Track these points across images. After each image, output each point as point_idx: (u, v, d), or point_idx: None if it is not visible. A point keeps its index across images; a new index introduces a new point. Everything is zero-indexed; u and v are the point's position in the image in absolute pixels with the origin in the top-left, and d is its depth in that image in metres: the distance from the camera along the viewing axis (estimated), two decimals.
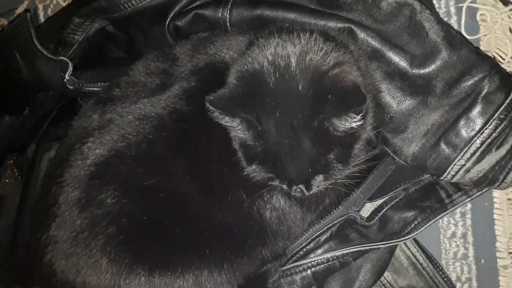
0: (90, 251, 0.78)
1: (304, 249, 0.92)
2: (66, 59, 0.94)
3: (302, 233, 0.91)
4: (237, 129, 0.71)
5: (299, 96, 0.67)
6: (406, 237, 0.87)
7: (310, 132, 0.67)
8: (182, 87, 0.81)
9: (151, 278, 0.78)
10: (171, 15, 0.90)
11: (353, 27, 0.82)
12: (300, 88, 0.67)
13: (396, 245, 0.95)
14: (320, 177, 0.73)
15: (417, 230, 0.87)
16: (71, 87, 0.96)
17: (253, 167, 0.73)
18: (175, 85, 0.82)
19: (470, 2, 0.99)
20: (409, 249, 0.96)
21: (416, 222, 0.89)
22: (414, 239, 0.97)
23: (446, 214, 0.89)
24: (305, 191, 0.74)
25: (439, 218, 0.88)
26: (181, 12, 0.91)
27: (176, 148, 0.78)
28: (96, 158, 0.80)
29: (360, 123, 0.68)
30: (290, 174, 0.71)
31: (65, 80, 0.95)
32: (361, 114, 0.66)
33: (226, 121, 0.70)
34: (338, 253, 0.87)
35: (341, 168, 0.72)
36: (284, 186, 0.75)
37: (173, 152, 0.78)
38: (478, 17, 0.99)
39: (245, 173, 0.77)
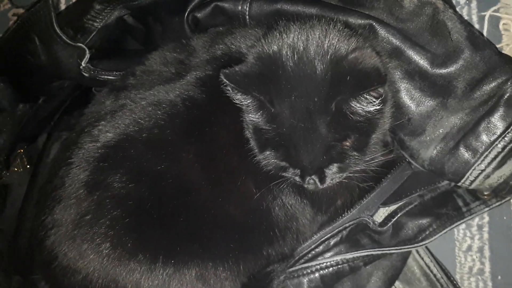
0: (94, 235, 0.76)
1: (313, 252, 0.89)
2: (84, 46, 0.94)
3: (311, 234, 0.88)
4: (249, 109, 0.69)
5: (316, 79, 0.65)
6: (420, 244, 0.84)
7: (327, 116, 0.65)
8: (197, 75, 0.80)
9: (153, 266, 0.76)
10: (191, 6, 0.90)
11: (374, 24, 0.81)
12: (318, 71, 0.65)
13: (409, 253, 0.91)
14: (334, 167, 0.71)
15: (432, 237, 0.84)
16: (86, 75, 0.96)
17: (266, 154, 0.71)
18: (190, 74, 0.81)
19: (493, 11, 0.98)
20: (422, 259, 0.92)
21: (431, 229, 0.85)
22: (428, 250, 0.93)
23: (463, 222, 0.85)
24: (318, 183, 0.71)
25: (456, 226, 0.84)
26: (201, 3, 0.90)
27: (187, 134, 0.77)
28: (107, 141, 0.78)
29: (379, 107, 0.66)
30: (303, 161, 0.68)
31: (81, 67, 0.95)
32: (380, 98, 0.64)
33: (238, 98, 0.68)
34: (348, 256, 0.83)
35: (357, 157, 0.70)
36: (297, 178, 0.73)
37: (184, 138, 0.77)
38: (501, 26, 0.98)
39: (257, 162, 0.75)
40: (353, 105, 0.64)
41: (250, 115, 0.70)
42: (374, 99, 0.64)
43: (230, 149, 0.77)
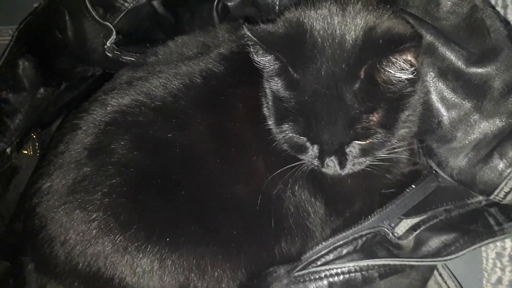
0: (87, 202, 0.71)
1: (323, 259, 0.80)
2: (111, 26, 0.94)
3: (322, 238, 0.80)
4: (270, 73, 0.65)
5: (345, 45, 0.61)
6: (445, 258, 0.75)
7: (354, 83, 0.60)
8: (219, 51, 0.78)
9: (145, 245, 0.69)
10: None
11: (406, 17, 0.77)
12: (348, 37, 0.62)
13: (431, 274, 0.81)
14: (357, 149, 0.65)
15: (458, 253, 0.75)
16: (110, 55, 0.95)
17: (284, 127, 0.66)
18: (212, 52, 0.79)
19: None
20: (445, 282, 0.82)
21: (457, 244, 0.76)
22: (453, 275, 0.83)
23: (495, 240, 0.76)
24: (337, 166, 0.65)
25: (486, 244, 0.75)
26: None
27: (201, 104, 0.73)
28: (117, 106, 0.75)
29: (412, 77, 0.61)
30: (324, 133, 0.63)
31: (105, 46, 0.95)
32: (414, 68, 0.59)
33: (260, 58, 0.64)
34: (362, 263, 0.74)
35: (384, 137, 0.64)
36: (315, 161, 0.67)
37: (197, 108, 0.73)
38: None
39: (271, 141, 0.70)
40: (384, 69, 0.59)
41: (270, 81, 0.66)
42: (407, 66, 0.59)
43: (245, 123, 0.73)
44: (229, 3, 0.91)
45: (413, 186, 0.82)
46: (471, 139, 0.77)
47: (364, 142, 0.65)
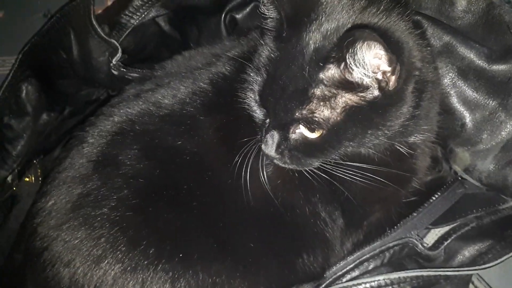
0: (93, 218, 0.66)
1: (348, 275, 0.74)
2: (117, 44, 0.92)
3: (343, 253, 0.75)
4: (267, 24, 0.64)
5: (335, 31, 0.59)
6: (482, 267, 0.69)
7: (322, 62, 0.57)
8: (227, 55, 0.77)
9: (156, 262, 0.64)
10: (229, 5, 0.89)
11: (420, 19, 0.76)
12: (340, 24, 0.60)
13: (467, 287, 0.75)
14: (300, 139, 0.62)
15: (497, 260, 0.69)
16: (115, 72, 0.93)
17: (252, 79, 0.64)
18: (221, 58, 0.77)
19: None
20: None
21: (494, 251, 0.71)
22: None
23: None
24: (274, 146, 0.62)
25: None
26: (241, 3, 0.89)
27: (209, 107, 0.71)
28: (124, 116, 0.72)
29: (379, 77, 0.57)
30: (273, 94, 0.60)
31: (111, 64, 0.92)
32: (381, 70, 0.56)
33: (266, 4, 0.62)
34: (394, 276, 0.68)
35: (327, 138, 0.60)
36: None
37: (205, 112, 0.71)
38: None
39: None
40: (349, 61, 0.55)
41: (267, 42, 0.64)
42: (372, 61, 0.55)
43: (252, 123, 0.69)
44: (237, 16, 0.90)
45: (439, 194, 0.78)
46: (499, 140, 0.73)
47: (307, 135, 0.61)
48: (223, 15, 0.90)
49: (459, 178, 0.80)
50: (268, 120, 0.64)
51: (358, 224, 0.74)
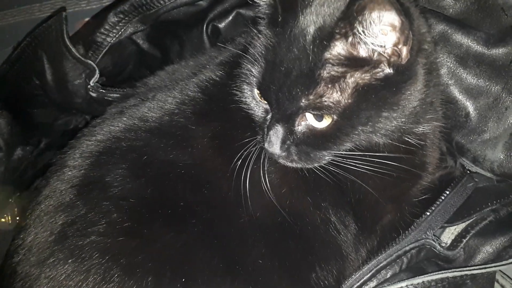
0: (80, 249, 0.59)
1: (367, 285, 0.68)
2: (94, 64, 0.86)
3: (358, 261, 0.69)
4: (259, 12, 0.61)
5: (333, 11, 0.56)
6: (510, 261, 0.64)
7: (326, 40, 0.53)
8: (216, 62, 0.72)
9: None
10: (211, 15, 0.85)
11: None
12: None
13: (493, 286, 0.69)
14: (308, 130, 0.57)
15: None
16: (94, 94, 0.88)
17: (248, 72, 0.60)
18: (208, 67, 0.73)
19: None
20: None
21: None
22: None
23: None
24: (278, 143, 0.57)
25: None
26: (222, 12, 0.86)
27: (201, 115, 0.66)
28: (108, 134, 0.66)
29: (389, 50, 0.53)
30: (275, 82, 0.55)
31: (89, 86, 0.87)
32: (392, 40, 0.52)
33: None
34: (417, 281, 0.63)
35: (340, 124, 0.56)
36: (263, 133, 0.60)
37: (197, 120, 0.66)
38: None
39: None
40: (357, 31, 0.51)
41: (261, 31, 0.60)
42: (381, 31, 0.51)
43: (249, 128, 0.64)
44: (219, 25, 0.86)
45: (449, 190, 0.73)
46: (506, 126, 0.70)
47: (316, 125, 0.57)
48: (204, 26, 0.86)
49: (468, 171, 0.76)
50: (269, 115, 0.60)
51: (371, 229, 0.69)
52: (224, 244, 0.60)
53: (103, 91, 0.87)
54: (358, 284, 0.68)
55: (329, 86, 0.54)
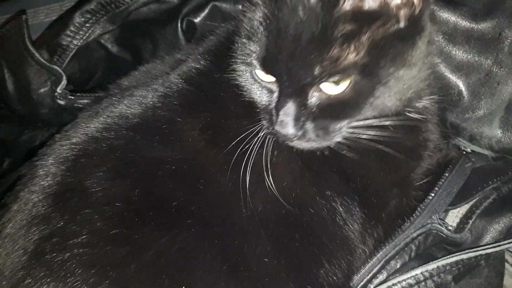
0: (60, 265, 0.52)
1: (377, 279, 0.64)
2: (60, 70, 0.80)
3: (365, 254, 0.65)
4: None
5: None
6: None
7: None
8: (199, 51, 0.67)
9: None
10: (185, 9, 0.81)
11: None
12: None
13: (503, 266, 0.67)
14: (324, 99, 0.53)
15: None
16: (62, 102, 0.81)
17: (249, 49, 0.55)
18: (191, 57, 0.68)
19: None
20: None
21: None
22: None
23: None
24: (292, 122, 0.52)
25: None
26: (197, 6, 0.81)
27: (188, 107, 0.60)
28: (84, 136, 0.60)
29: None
30: (283, 53, 0.51)
31: (56, 93, 0.80)
32: None
33: None
34: (432, 266, 0.59)
35: (361, 85, 0.52)
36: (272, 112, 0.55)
37: (184, 112, 0.60)
38: None
39: None
40: None
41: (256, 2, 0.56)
42: None
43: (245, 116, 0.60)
44: (195, 20, 0.82)
45: (448, 171, 0.71)
46: (500, 101, 0.68)
47: (332, 92, 0.52)
48: (179, 22, 0.82)
49: (464, 152, 0.74)
50: (275, 95, 0.55)
51: (378, 216, 0.65)
52: (225, 244, 0.54)
53: (72, 97, 0.81)
54: (368, 277, 0.64)
55: (344, 46, 0.50)
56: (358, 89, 0.52)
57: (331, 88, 0.52)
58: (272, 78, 0.55)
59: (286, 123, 0.53)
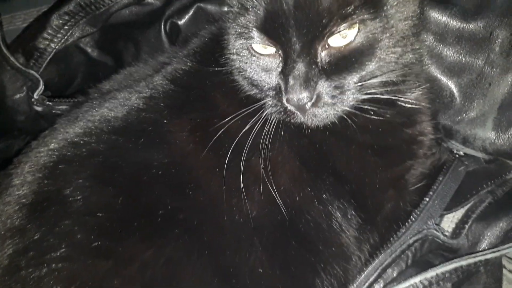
0: (38, 280, 0.48)
1: None
2: (36, 75, 0.76)
3: (361, 261, 0.62)
4: None
5: None
6: None
7: None
8: (183, 53, 0.65)
9: None
10: (169, 11, 0.78)
11: None
12: None
13: (501, 271, 0.65)
14: (335, 53, 0.50)
15: None
16: (39, 109, 0.77)
17: (244, 21, 0.51)
18: (175, 59, 0.65)
19: None
20: None
21: None
22: None
23: None
24: (303, 84, 0.49)
25: None
26: (181, 8, 0.78)
27: (175, 108, 0.57)
28: (63, 141, 0.56)
29: None
30: (286, 10, 0.48)
31: (33, 99, 0.76)
32: None
33: None
34: (431, 274, 0.57)
35: (372, 25, 0.49)
36: (279, 80, 0.52)
37: (171, 114, 0.57)
38: None
39: None
40: None
41: None
42: None
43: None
44: (179, 22, 0.79)
45: (442, 175, 0.69)
46: (493, 101, 0.67)
47: (344, 41, 0.50)
48: (162, 24, 0.79)
49: (456, 155, 0.73)
50: (280, 66, 0.52)
51: (373, 220, 0.62)
52: (217, 253, 0.51)
53: (50, 103, 0.77)
54: (365, 286, 0.61)
55: None
56: (366, 35, 0.50)
57: (340, 40, 0.50)
58: (272, 50, 0.52)
59: (298, 86, 0.49)
